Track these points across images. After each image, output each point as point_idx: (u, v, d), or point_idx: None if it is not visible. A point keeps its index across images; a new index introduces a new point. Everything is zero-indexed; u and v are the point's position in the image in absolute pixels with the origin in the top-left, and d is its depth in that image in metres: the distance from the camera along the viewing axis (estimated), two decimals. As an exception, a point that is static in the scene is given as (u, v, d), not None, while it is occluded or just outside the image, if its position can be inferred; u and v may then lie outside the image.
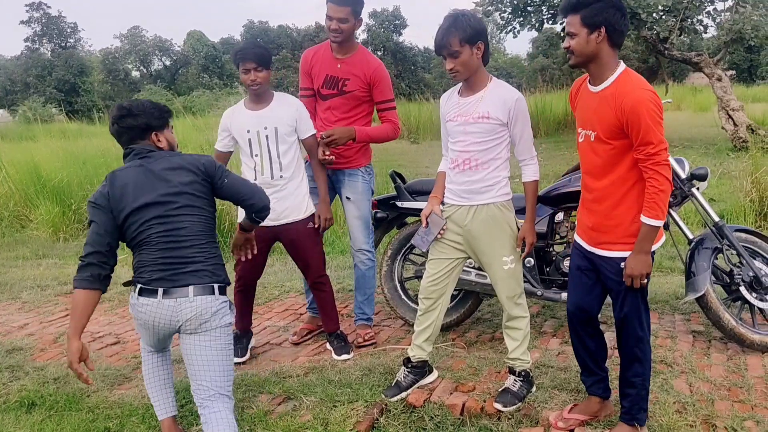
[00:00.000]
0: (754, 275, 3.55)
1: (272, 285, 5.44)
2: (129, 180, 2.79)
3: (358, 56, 3.90)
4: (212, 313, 2.76)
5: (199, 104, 27.69)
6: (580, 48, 2.51)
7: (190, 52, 54.18)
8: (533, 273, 3.88)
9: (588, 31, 2.47)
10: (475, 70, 2.98)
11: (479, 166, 3.05)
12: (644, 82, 2.49)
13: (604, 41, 2.48)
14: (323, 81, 3.93)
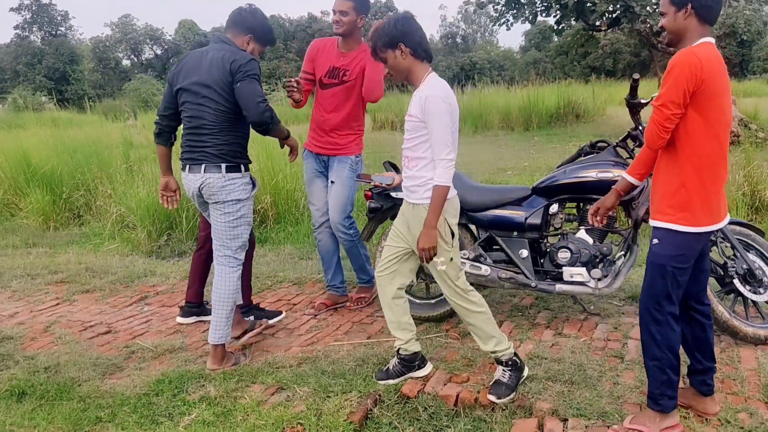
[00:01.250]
0: (748, 268, 3.57)
1: (264, 275, 5.41)
2: (189, 60, 3.58)
3: (360, 50, 4.18)
4: (219, 187, 3.50)
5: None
6: (669, 25, 2.64)
7: (181, 41, 53.87)
8: (527, 264, 3.88)
9: (675, 8, 2.59)
10: (406, 70, 3.05)
11: (409, 163, 3.09)
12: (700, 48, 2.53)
13: (691, 17, 2.56)
14: (326, 71, 4.22)
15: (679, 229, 2.60)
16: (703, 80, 2.49)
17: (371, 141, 14.32)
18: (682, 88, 2.50)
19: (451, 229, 3.09)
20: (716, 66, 2.54)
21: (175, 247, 6.50)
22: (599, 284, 3.70)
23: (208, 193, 3.52)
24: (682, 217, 2.60)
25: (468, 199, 3.97)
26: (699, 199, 2.59)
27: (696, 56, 2.50)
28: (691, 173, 2.59)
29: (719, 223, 2.68)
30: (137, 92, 34.64)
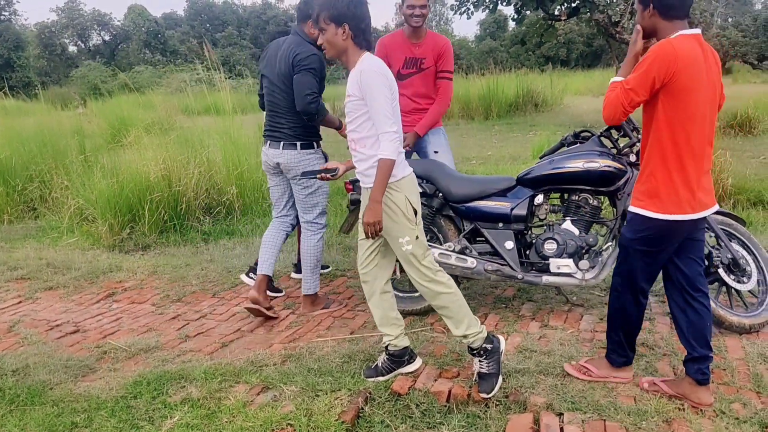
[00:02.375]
0: (732, 257, 3.59)
1: (237, 269, 5.25)
2: (270, 49, 4.21)
3: (430, 37, 4.55)
4: (296, 162, 4.05)
5: (141, 80, 26.78)
6: (639, 22, 2.83)
7: (131, 27, 52.34)
8: (513, 256, 3.83)
9: (642, 7, 2.78)
10: (341, 50, 3.00)
11: (356, 146, 3.04)
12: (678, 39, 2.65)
13: (655, 15, 2.72)
14: (403, 63, 4.54)
15: (644, 213, 2.77)
16: (675, 72, 2.59)
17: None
18: (653, 76, 2.62)
19: (413, 206, 3.00)
20: (693, 59, 2.62)
21: (138, 241, 6.27)
22: (586, 275, 3.68)
23: (286, 168, 4.09)
24: (649, 203, 2.75)
25: (452, 190, 3.91)
26: (665, 188, 2.71)
27: (672, 47, 2.60)
28: (658, 163, 2.73)
29: (692, 214, 2.72)
30: (85, 79, 33.52)
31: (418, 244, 3.02)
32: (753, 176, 7.59)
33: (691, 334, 2.87)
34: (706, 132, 2.72)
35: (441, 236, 4.03)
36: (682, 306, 2.90)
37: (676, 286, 2.93)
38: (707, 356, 2.85)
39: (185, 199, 6.64)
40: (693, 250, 2.88)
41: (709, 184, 2.81)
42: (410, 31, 4.47)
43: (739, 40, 44.61)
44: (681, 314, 2.91)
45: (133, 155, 7.29)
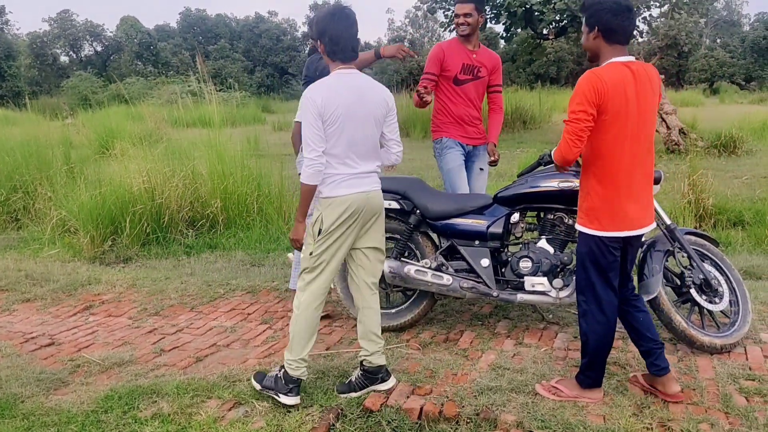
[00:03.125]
0: (704, 278, 3.62)
1: (216, 283, 5.25)
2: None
3: (485, 49, 4.72)
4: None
5: (132, 92, 26.74)
6: (584, 44, 3.01)
7: (123, 38, 52.37)
8: (488, 274, 3.85)
9: (588, 29, 2.93)
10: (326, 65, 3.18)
11: None
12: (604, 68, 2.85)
13: (599, 38, 2.88)
14: (461, 68, 4.57)
15: (585, 231, 2.97)
16: (602, 98, 2.77)
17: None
18: (585, 103, 2.79)
19: (323, 227, 3.03)
20: (618, 85, 2.80)
21: (120, 253, 6.26)
22: (560, 294, 3.70)
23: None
24: (588, 221, 2.95)
25: (429, 207, 3.94)
26: (603, 207, 2.90)
27: (595, 75, 2.80)
28: (594, 183, 2.93)
29: (628, 231, 2.91)
30: (76, 90, 33.46)
31: (305, 259, 3.12)
32: (734, 197, 7.68)
33: (636, 334, 3.13)
34: (637, 152, 2.89)
35: (418, 253, 4.05)
36: (623, 315, 3.15)
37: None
38: (654, 348, 3.07)
39: (168, 212, 6.65)
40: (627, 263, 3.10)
41: (645, 202, 2.97)
42: (463, 39, 4.55)
43: (726, 60, 45.19)
44: (625, 322, 3.17)
45: (118, 167, 7.29)
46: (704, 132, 13.26)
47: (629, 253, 3.08)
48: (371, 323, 3.28)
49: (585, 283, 3.04)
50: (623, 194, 2.88)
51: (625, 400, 3.08)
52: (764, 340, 3.76)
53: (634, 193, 2.91)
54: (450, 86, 4.62)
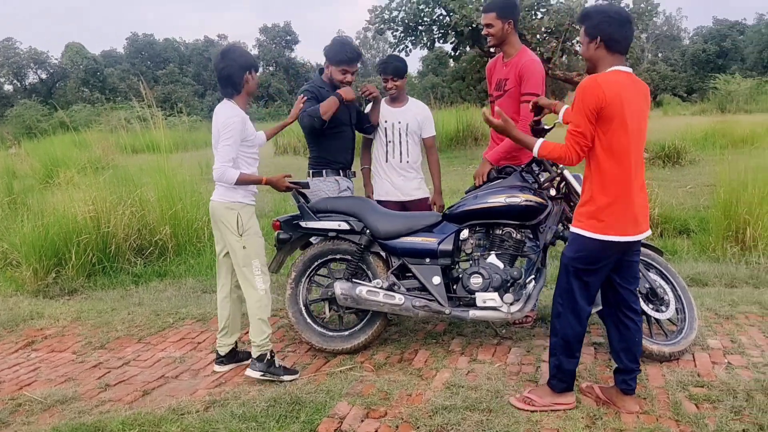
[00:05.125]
0: (650, 287, 3.68)
1: (165, 312, 5.11)
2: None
3: (518, 56, 4.14)
4: None
5: (79, 119, 26.18)
6: (584, 54, 3.05)
7: (68, 65, 51.35)
8: (440, 291, 3.84)
9: (588, 39, 2.96)
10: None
11: None
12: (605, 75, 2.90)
13: (601, 48, 2.93)
14: (494, 85, 4.32)
15: (584, 234, 2.95)
16: (603, 103, 2.80)
17: (274, 166, 14.10)
18: (585, 113, 2.84)
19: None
20: (620, 91, 2.83)
21: (64, 285, 6.05)
22: (512, 309, 3.71)
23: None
24: (589, 224, 2.94)
25: (379, 227, 3.92)
26: (606, 211, 2.90)
27: (596, 82, 2.83)
28: (598, 188, 2.93)
29: (628, 236, 2.94)
30: (20, 118, 32.60)
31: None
32: (679, 206, 7.88)
33: (621, 348, 3.11)
34: (638, 158, 2.93)
35: (370, 273, 4.01)
36: (615, 322, 3.14)
37: (611, 303, 3.16)
38: (633, 369, 3.09)
39: (115, 241, 6.46)
40: (629, 271, 3.11)
41: (644, 207, 3.01)
42: (498, 51, 4.31)
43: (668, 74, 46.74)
44: (614, 329, 3.14)
45: (63, 196, 7.08)
46: (649, 143, 13.58)
47: (630, 260, 3.08)
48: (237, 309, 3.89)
49: (565, 286, 3.07)
50: (627, 199, 2.90)
51: (578, 412, 3.09)
52: (712, 346, 3.83)
53: (636, 199, 2.93)
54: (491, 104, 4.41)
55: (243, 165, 3.63)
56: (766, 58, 45.98)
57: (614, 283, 3.09)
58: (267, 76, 53.93)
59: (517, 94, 4.09)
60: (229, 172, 3.51)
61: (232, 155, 3.52)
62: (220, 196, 3.64)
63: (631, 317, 3.09)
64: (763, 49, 46.63)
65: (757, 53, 47.22)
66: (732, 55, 49.83)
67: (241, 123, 3.56)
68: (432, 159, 4.75)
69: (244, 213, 3.63)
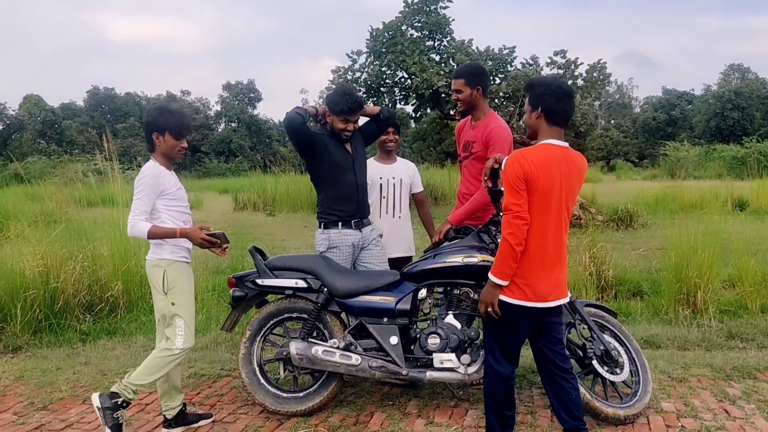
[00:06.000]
0: (605, 349, 3.71)
1: (113, 371, 4.90)
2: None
3: (486, 121, 4.21)
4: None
5: (33, 171, 25.66)
6: (526, 121, 3.13)
7: (25, 117, 50.66)
8: (398, 352, 3.80)
9: (531, 108, 3.06)
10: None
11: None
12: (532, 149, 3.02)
13: (541, 118, 3.03)
14: (462, 146, 4.38)
15: (500, 297, 3.02)
16: (531, 177, 2.91)
17: (234, 221, 13.99)
18: (511, 186, 2.94)
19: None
20: (543, 167, 2.93)
21: (8, 342, 5.81)
22: (469, 369, 3.68)
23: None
24: (505, 289, 3.02)
25: (337, 285, 3.89)
26: (521, 278, 2.99)
27: (517, 159, 2.94)
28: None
29: (542, 303, 3.00)
30: (-24, 169, 31.81)
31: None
32: (633, 268, 8.03)
33: (561, 407, 3.15)
34: (557, 229, 3.01)
35: (326, 332, 3.96)
36: (550, 383, 3.19)
37: (542, 365, 3.21)
38: (578, 428, 3.11)
39: (63, 296, 6.26)
40: (552, 333, 3.17)
41: (561, 276, 3.07)
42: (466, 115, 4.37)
43: (620, 140, 48.37)
44: (550, 390, 3.19)
45: (11, 250, 6.87)
46: (603, 206, 13.97)
47: (550, 325, 3.14)
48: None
49: (487, 345, 3.18)
50: (538, 267, 2.98)
51: (535, 477, 3.05)
52: (666, 409, 3.86)
53: (549, 267, 3.00)
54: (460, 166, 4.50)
55: (167, 218, 3.61)
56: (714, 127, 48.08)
57: (540, 346, 3.16)
58: (229, 132, 54.02)
59: (483, 158, 4.08)
60: (140, 224, 3.50)
61: (143, 208, 3.52)
62: (150, 254, 3.66)
63: (562, 376, 3.14)
64: (710, 118, 48.82)
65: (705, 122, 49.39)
66: (681, 123, 52.03)
67: (152, 177, 3.56)
68: (424, 212, 4.94)
69: (171, 270, 3.59)
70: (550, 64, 16.01)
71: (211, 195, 23.14)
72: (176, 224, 3.62)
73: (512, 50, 17.09)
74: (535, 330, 3.12)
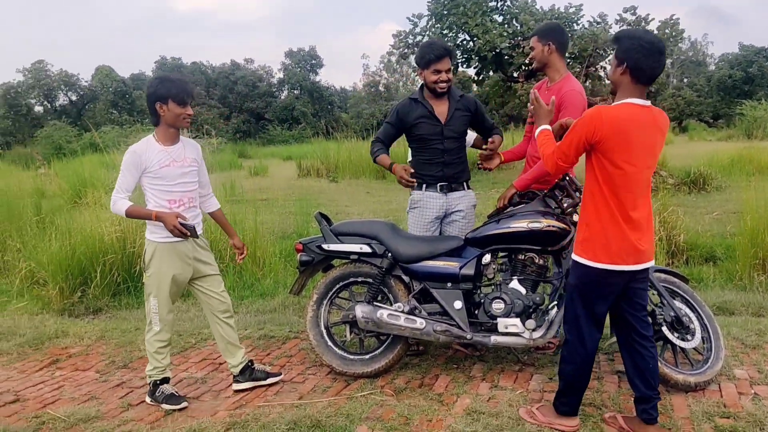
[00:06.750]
0: (675, 315, 3.63)
1: (188, 333, 5.15)
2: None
3: (560, 83, 4.08)
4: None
5: (107, 140, 26.63)
6: (610, 76, 3.02)
7: (98, 87, 52.35)
8: (462, 316, 3.82)
9: (616, 63, 2.90)
10: None
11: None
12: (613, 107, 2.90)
13: (626, 75, 2.86)
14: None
15: (581, 261, 2.98)
16: (599, 139, 2.82)
17: (298, 188, 14.21)
18: (576, 141, 2.89)
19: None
20: (623, 127, 2.82)
21: (90, 304, 6.14)
22: (534, 335, 3.68)
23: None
24: (583, 250, 2.97)
25: (401, 250, 3.92)
26: (599, 239, 2.92)
27: (600, 115, 2.83)
28: (596, 214, 2.93)
29: (628, 266, 2.90)
30: (50, 139, 33.23)
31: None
32: (705, 232, 7.76)
33: (637, 376, 3.08)
34: (641, 188, 2.91)
35: (391, 297, 4.01)
36: (628, 350, 3.12)
37: (622, 331, 3.14)
38: (651, 397, 3.06)
39: (139, 260, 6.52)
40: (636, 298, 3.07)
41: (645, 238, 2.95)
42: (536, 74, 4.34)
43: (693, 99, 46.33)
44: (628, 357, 3.13)
45: (90, 216, 7.20)
46: (674, 169, 13.47)
47: (635, 290, 3.05)
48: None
49: (571, 314, 3.09)
50: (625, 228, 2.88)
51: (601, 442, 3.04)
52: (738, 376, 3.76)
53: (635, 229, 2.90)
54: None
55: (150, 197, 3.68)
56: (794, 85, 45.45)
57: (623, 311, 3.08)
58: (292, 99, 54.45)
59: (554, 121, 3.98)
60: (119, 203, 3.59)
61: (124, 186, 3.59)
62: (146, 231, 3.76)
63: (642, 344, 3.07)
64: (790, 75, 46.13)
65: (784, 79, 46.71)
66: (759, 81, 49.30)
67: (131, 155, 3.58)
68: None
69: (151, 249, 3.67)
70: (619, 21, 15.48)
71: (275, 162, 23.51)
72: (159, 203, 3.65)
73: (578, 8, 16.56)
74: (619, 295, 3.03)
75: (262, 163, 19.57)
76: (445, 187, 4.24)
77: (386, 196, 12.53)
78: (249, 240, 7.13)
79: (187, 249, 3.70)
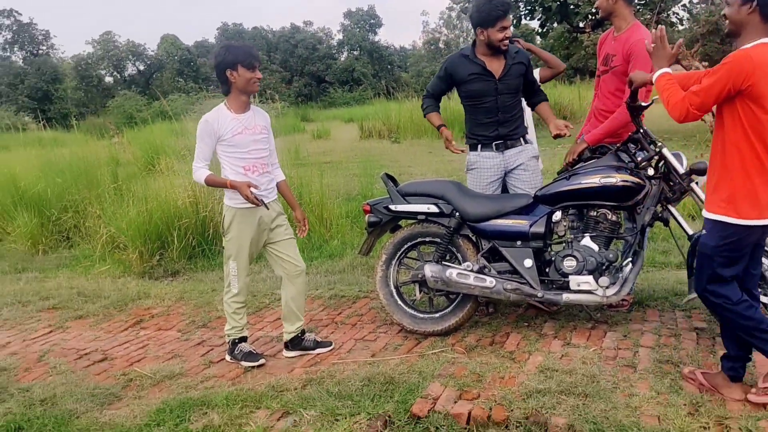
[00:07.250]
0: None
1: (262, 293, 5.31)
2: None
3: (627, 32, 3.94)
4: None
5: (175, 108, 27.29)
6: (731, 16, 2.72)
7: (164, 56, 53.60)
8: (532, 274, 3.79)
9: (741, 1, 2.65)
10: None
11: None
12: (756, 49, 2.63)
13: (755, 13, 2.63)
14: (602, 59, 4.13)
15: (726, 220, 2.75)
16: (751, 83, 2.60)
17: (360, 149, 14.27)
18: (720, 88, 2.64)
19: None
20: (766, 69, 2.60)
21: (168, 267, 6.39)
22: (607, 292, 3.62)
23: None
24: (730, 209, 2.73)
25: (469, 209, 3.91)
26: (746, 194, 2.71)
27: (750, 58, 2.59)
28: (738, 168, 2.72)
29: (764, 220, 2.73)
30: (121, 109, 34.33)
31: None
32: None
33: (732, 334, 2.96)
34: None
35: (459, 256, 4.02)
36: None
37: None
38: (745, 357, 2.97)
39: (213, 224, 6.75)
40: (757, 254, 2.94)
41: None
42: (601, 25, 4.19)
43: (774, 43, 43.54)
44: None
45: (164, 182, 7.45)
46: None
47: (758, 247, 2.90)
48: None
49: (710, 277, 2.87)
50: (765, 182, 2.71)
51: (680, 399, 2.98)
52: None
53: None
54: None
55: (226, 165, 3.75)
56: None
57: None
58: (351, 60, 54.44)
59: (623, 73, 3.85)
60: (198, 172, 3.70)
61: (202, 155, 3.70)
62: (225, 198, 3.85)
63: (752, 305, 2.90)
64: None
65: None
66: None
67: (205, 124, 3.66)
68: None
69: (229, 215, 3.77)
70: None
71: (337, 124, 23.63)
72: (234, 170, 3.72)
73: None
74: None
75: (325, 126, 19.72)
76: (501, 146, 4.18)
77: (449, 156, 12.39)
78: (316, 202, 7.25)
79: (263, 213, 3.78)
